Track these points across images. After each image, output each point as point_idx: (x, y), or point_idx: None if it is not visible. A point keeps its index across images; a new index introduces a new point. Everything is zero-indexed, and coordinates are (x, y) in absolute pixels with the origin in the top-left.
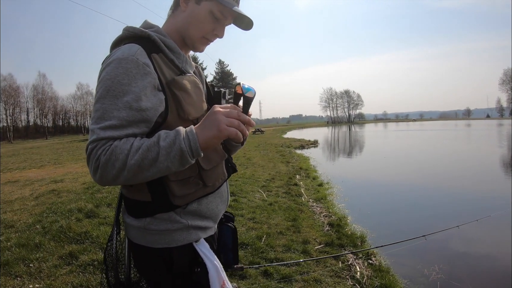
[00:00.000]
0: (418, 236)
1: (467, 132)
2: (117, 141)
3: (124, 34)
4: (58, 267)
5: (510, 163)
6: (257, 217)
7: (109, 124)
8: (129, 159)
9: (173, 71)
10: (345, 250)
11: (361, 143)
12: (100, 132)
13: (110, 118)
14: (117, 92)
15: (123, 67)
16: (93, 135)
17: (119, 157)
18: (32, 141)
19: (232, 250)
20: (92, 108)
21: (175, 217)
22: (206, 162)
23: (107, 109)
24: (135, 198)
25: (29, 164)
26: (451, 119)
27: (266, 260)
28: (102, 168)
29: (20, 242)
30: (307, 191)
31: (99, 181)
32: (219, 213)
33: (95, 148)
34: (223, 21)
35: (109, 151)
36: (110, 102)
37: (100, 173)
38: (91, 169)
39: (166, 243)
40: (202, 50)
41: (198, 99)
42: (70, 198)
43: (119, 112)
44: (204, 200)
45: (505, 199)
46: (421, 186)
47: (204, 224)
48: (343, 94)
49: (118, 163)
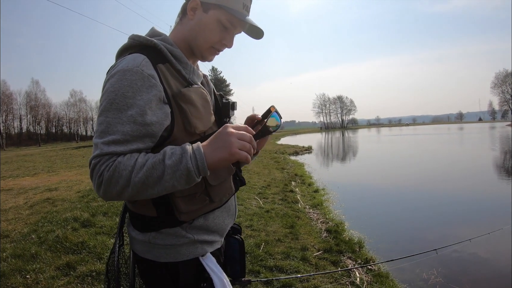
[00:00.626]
0: (429, 250)
1: (460, 136)
2: (120, 157)
3: (130, 42)
4: (56, 278)
5: (502, 166)
6: (255, 224)
7: (113, 139)
8: (133, 176)
9: (180, 82)
10: (343, 256)
11: (355, 148)
12: (103, 147)
13: (114, 133)
14: (121, 106)
15: (127, 79)
16: (96, 150)
17: (122, 174)
18: (25, 148)
19: (239, 262)
20: (86, 116)
21: (181, 232)
22: (213, 177)
23: (110, 123)
24: (140, 212)
25: (22, 172)
26: (444, 123)
27: (265, 268)
28: (105, 184)
29: (16, 253)
30: (303, 197)
31: (103, 196)
32: (226, 227)
33: (98, 163)
34: (232, 30)
35: (112, 167)
36: (114, 116)
37: (104, 189)
38: (94, 184)
39: (172, 257)
40: (211, 60)
41: (205, 112)
42: (65, 207)
43: (123, 127)
44: (210, 215)
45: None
46: (415, 190)
47: (211, 238)
48: (336, 100)
49: (122, 180)
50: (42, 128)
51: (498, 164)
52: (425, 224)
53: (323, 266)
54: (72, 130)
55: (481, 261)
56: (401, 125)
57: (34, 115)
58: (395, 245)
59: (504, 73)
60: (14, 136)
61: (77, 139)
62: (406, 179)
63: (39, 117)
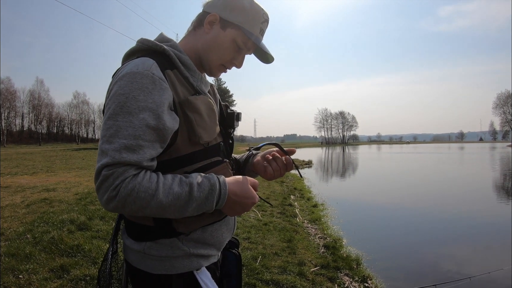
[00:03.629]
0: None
1: (460, 156)
2: (139, 177)
3: (138, 46)
4: (49, 280)
5: (502, 187)
6: (252, 237)
7: (124, 145)
8: (154, 200)
9: (187, 90)
10: (341, 273)
11: (355, 165)
12: (114, 155)
13: (125, 137)
14: (132, 109)
15: (138, 81)
16: (105, 157)
17: (141, 195)
18: (25, 146)
19: (235, 277)
20: (88, 119)
21: (177, 243)
22: None
23: (121, 126)
24: (137, 222)
25: (21, 170)
26: (445, 142)
27: (262, 282)
28: (120, 201)
29: (10, 251)
30: (302, 211)
31: (111, 209)
32: (223, 241)
33: (112, 175)
34: (245, 52)
35: (130, 185)
36: (124, 120)
37: (116, 204)
38: (104, 196)
39: (165, 269)
40: (217, 76)
41: (211, 122)
42: (62, 208)
43: (134, 131)
44: (209, 228)
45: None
46: (414, 209)
47: (207, 252)
48: (338, 115)
49: (140, 201)
50: (44, 128)
51: (498, 184)
52: (423, 243)
53: (320, 282)
54: (73, 131)
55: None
56: (402, 143)
57: (36, 114)
58: (393, 263)
59: (506, 94)
60: (15, 133)
61: (77, 141)
62: (405, 198)
63: (41, 116)
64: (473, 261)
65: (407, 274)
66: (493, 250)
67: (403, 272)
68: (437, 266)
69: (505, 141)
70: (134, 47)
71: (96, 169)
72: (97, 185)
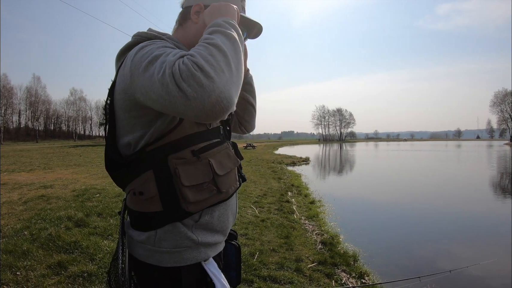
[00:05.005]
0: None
1: (457, 153)
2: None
3: (136, 39)
4: (46, 276)
5: (498, 184)
6: (250, 233)
7: (166, 53)
8: (215, 47)
9: None
10: (338, 269)
11: (352, 162)
12: (166, 58)
13: (165, 52)
14: (153, 50)
15: (148, 46)
16: (162, 66)
17: (212, 51)
18: (22, 143)
19: (235, 268)
20: (85, 115)
21: (186, 232)
22: (220, 167)
23: (155, 52)
24: (144, 210)
25: (18, 167)
26: (442, 139)
27: (259, 278)
28: (203, 71)
29: (7, 248)
30: (299, 208)
31: (211, 90)
32: (229, 226)
33: (174, 65)
34: None
35: (195, 57)
36: (158, 52)
37: (205, 74)
38: (183, 86)
39: (174, 262)
40: None
41: None
42: (60, 205)
43: (167, 49)
44: (216, 212)
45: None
46: (411, 206)
47: (214, 239)
48: (336, 113)
49: (213, 56)
50: (41, 125)
51: (495, 182)
52: (420, 239)
53: (317, 278)
54: (70, 128)
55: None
56: (399, 140)
57: (33, 111)
58: (390, 259)
59: (503, 92)
60: (12, 131)
61: (74, 138)
62: (402, 194)
63: (38, 113)
64: (469, 256)
65: (404, 271)
66: (488, 245)
67: (400, 268)
68: (434, 262)
69: (502, 139)
70: (131, 42)
71: (160, 75)
72: (173, 82)
